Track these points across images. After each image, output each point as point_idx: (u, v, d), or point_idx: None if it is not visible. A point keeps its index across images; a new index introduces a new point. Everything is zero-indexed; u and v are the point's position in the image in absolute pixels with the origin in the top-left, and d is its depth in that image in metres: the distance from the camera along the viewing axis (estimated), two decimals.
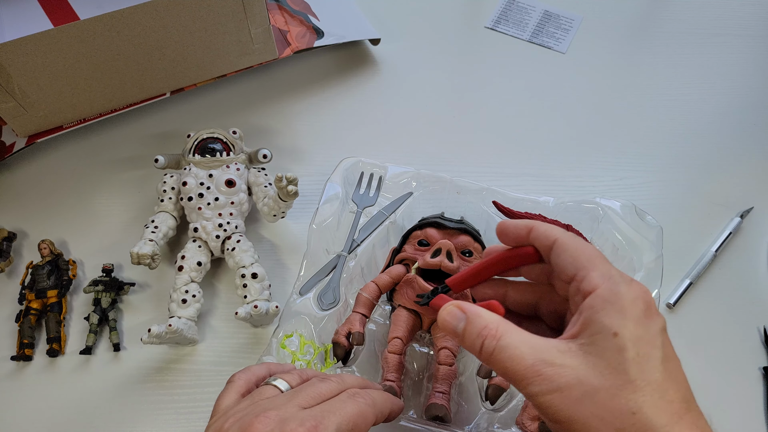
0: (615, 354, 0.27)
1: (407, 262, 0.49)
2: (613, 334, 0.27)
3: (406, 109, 0.67)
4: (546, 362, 0.28)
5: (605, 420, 0.26)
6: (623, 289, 0.29)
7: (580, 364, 0.27)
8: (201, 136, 0.56)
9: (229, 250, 0.53)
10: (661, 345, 0.28)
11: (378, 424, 0.33)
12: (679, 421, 0.26)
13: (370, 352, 0.49)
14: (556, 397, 0.27)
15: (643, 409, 0.26)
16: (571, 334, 0.29)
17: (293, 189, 0.51)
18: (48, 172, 0.63)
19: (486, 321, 0.30)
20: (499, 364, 0.29)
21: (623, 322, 0.27)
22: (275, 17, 0.68)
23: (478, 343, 0.30)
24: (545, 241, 0.32)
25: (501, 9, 0.75)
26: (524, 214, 0.54)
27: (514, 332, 0.29)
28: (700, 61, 0.70)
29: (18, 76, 0.53)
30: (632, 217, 0.53)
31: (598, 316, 0.28)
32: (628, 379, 0.26)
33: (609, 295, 0.28)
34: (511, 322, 0.30)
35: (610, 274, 0.29)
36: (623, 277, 0.29)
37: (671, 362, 0.28)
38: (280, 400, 0.31)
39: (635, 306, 0.28)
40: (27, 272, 0.55)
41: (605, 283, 0.29)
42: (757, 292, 0.55)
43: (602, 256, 0.31)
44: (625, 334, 0.27)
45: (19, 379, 0.51)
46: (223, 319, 0.54)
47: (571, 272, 0.31)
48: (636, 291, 0.29)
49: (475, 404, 0.46)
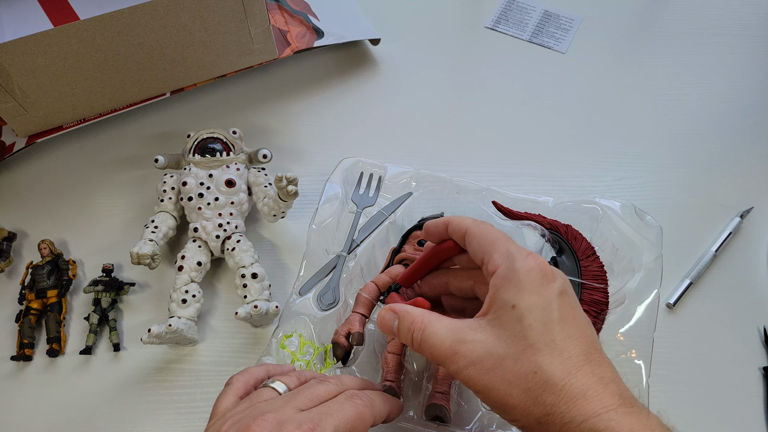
0: (515, 324, 0.30)
1: (407, 263, 0.49)
2: (512, 306, 0.31)
3: (406, 109, 0.67)
4: (461, 341, 0.31)
5: (513, 383, 0.29)
6: (519, 264, 0.32)
7: (488, 338, 0.31)
8: (201, 136, 0.56)
9: (229, 250, 0.53)
10: (558, 308, 0.31)
11: (377, 425, 0.34)
12: (577, 373, 0.29)
13: (369, 353, 0.49)
14: (472, 370, 0.30)
15: (543, 368, 0.29)
16: (482, 312, 0.33)
17: (293, 189, 0.51)
18: (48, 172, 0.63)
19: (413, 316, 0.34)
20: (426, 351, 0.33)
21: (520, 294, 0.31)
22: (275, 17, 0.68)
23: (409, 336, 0.33)
24: (459, 233, 0.36)
25: (501, 9, 0.75)
26: (524, 215, 0.54)
27: (436, 321, 0.33)
28: (700, 61, 0.70)
29: (18, 76, 0.53)
30: (632, 218, 0.53)
31: (499, 293, 0.32)
32: (527, 344, 0.30)
33: (506, 273, 0.32)
34: (435, 313, 0.34)
35: (509, 253, 0.33)
36: (520, 253, 0.33)
37: (568, 322, 0.31)
38: (277, 402, 0.31)
39: (529, 277, 0.31)
40: (27, 272, 0.55)
41: (504, 262, 0.32)
42: (757, 292, 0.54)
43: (505, 236, 0.34)
44: (521, 305, 0.30)
45: (19, 379, 0.51)
46: (223, 319, 0.54)
47: (479, 256, 0.34)
48: (530, 263, 0.32)
49: (475, 405, 0.46)
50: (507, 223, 0.54)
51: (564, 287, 0.32)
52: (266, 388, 0.34)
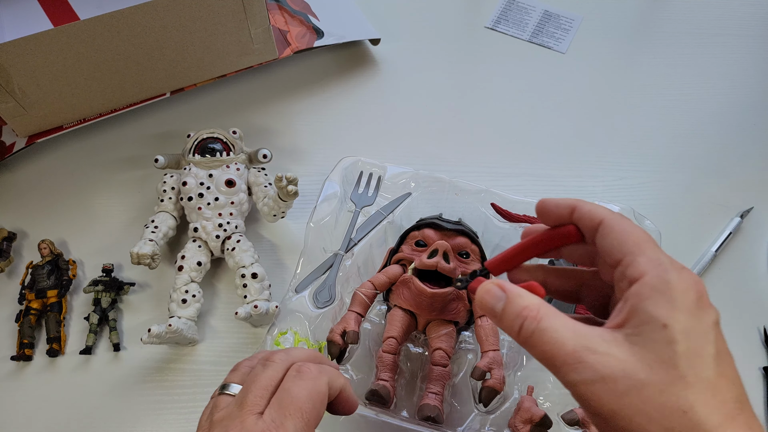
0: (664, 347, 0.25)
1: (404, 263, 0.49)
2: (663, 325, 0.25)
3: (406, 109, 0.67)
4: (589, 349, 0.26)
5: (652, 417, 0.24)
6: (673, 277, 0.26)
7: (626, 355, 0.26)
8: (201, 136, 0.56)
9: (229, 250, 0.53)
10: (714, 340, 0.26)
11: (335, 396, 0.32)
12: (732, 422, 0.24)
13: (364, 351, 0.49)
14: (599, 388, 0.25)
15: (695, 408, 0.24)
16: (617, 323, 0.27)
17: (293, 189, 0.51)
18: (48, 172, 0.63)
19: (527, 302, 0.28)
20: (537, 348, 0.27)
21: (673, 313, 0.25)
22: (275, 17, 0.68)
23: (517, 323, 0.28)
24: (590, 221, 0.30)
25: (501, 9, 0.75)
26: (522, 218, 0.54)
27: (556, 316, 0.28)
28: (700, 61, 0.70)
29: (18, 76, 0.53)
30: None
31: (645, 305, 0.26)
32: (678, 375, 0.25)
33: (658, 283, 0.26)
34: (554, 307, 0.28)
35: (660, 260, 0.27)
36: (674, 264, 0.27)
37: (724, 358, 0.26)
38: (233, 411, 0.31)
39: (686, 296, 0.26)
40: (27, 272, 0.55)
41: (654, 270, 0.27)
42: (757, 292, 0.54)
43: (652, 240, 0.29)
44: (675, 326, 0.25)
45: (19, 379, 0.51)
46: (223, 319, 0.54)
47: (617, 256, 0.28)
48: (687, 280, 0.26)
49: (468, 406, 0.46)
50: (506, 225, 0.54)
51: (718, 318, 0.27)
52: (222, 395, 0.33)
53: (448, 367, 0.45)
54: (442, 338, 0.46)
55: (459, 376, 0.48)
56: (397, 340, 0.46)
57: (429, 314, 0.47)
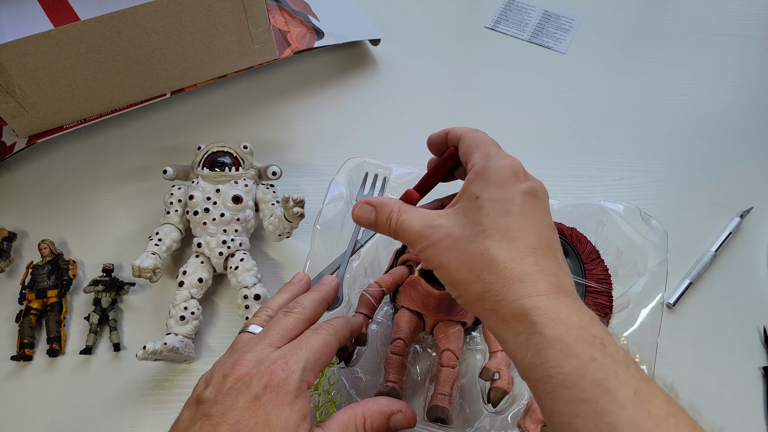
0: (475, 212, 0.33)
1: (411, 264, 0.49)
2: (476, 197, 0.33)
3: (406, 110, 0.67)
4: (429, 226, 0.34)
5: (462, 261, 0.32)
6: (493, 163, 0.34)
7: (450, 223, 0.34)
8: (211, 150, 0.55)
9: (232, 269, 0.52)
10: (520, 203, 0.33)
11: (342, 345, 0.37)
12: (520, 260, 0.31)
13: (372, 353, 0.49)
14: (431, 250, 0.34)
15: (490, 250, 0.32)
16: (451, 204, 0.35)
17: (299, 211, 0.50)
18: (48, 173, 0.63)
19: (390, 206, 0.36)
20: (400, 235, 0.36)
21: (485, 187, 0.33)
22: (275, 18, 0.68)
23: (387, 224, 0.36)
24: (455, 139, 0.38)
25: (501, 9, 0.75)
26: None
27: (410, 210, 0.36)
28: (700, 61, 0.70)
29: (18, 77, 0.53)
30: (636, 221, 0.53)
31: (469, 186, 0.34)
32: (481, 230, 0.32)
33: (480, 169, 0.34)
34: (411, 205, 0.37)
35: (489, 153, 0.35)
36: (499, 154, 0.35)
37: (526, 217, 0.33)
38: (253, 342, 0.35)
39: (499, 174, 0.33)
40: (27, 272, 0.55)
41: (481, 161, 0.35)
42: (757, 292, 0.54)
43: (491, 141, 0.36)
44: (484, 196, 0.33)
45: (19, 379, 0.51)
46: (220, 338, 0.53)
47: (466, 159, 0.36)
48: (504, 162, 0.34)
49: (477, 407, 0.46)
50: None
51: (534, 190, 0.34)
52: (243, 333, 0.37)
53: (456, 368, 0.45)
54: (450, 339, 0.46)
55: (467, 377, 0.48)
56: (405, 341, 0.46)
57: (436, 315, 0.47)
